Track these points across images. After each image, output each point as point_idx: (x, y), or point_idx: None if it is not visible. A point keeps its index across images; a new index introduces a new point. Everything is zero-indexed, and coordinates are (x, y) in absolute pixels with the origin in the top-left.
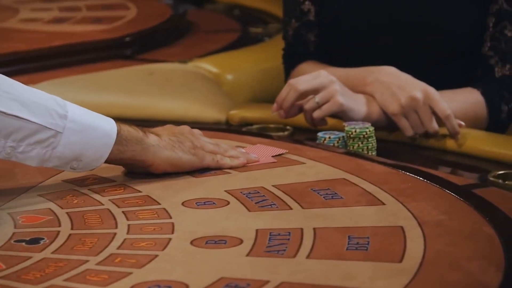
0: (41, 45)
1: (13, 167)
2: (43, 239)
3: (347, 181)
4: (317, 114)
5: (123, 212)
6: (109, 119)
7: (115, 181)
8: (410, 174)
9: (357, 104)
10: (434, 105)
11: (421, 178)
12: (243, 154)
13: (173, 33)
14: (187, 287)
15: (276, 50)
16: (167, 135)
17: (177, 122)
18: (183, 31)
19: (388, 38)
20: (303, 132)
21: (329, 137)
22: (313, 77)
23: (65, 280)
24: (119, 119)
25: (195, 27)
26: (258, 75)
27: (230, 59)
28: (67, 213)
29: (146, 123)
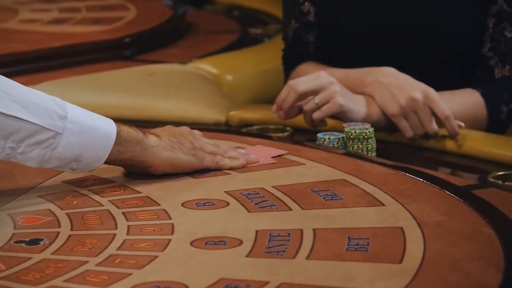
0: (40, 46)
1: (12, 168)
2: (43, 240)
3: (346, 182)
4: (316, 115)
5: (122, 213)
6: (109, 120)
7: (115, 182)
8: (410, 175)
9: (356, 105)
10: (433, 106)
11: (420, 179)
12: (242, 155)
13: (173, 34)
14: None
15: (275, 51)
16: (166, 136)
17: (176, 123)
18: (183, 32)
19: (387, 39)
20: (303, 133)
21: (329, 138)
22: (312, 78)
23: (64, 281)
24: (119, 120)
25: (195, 28)
26: (257, 76)
27: (229, 60)
28: (66, 214)
29: (145, 124)
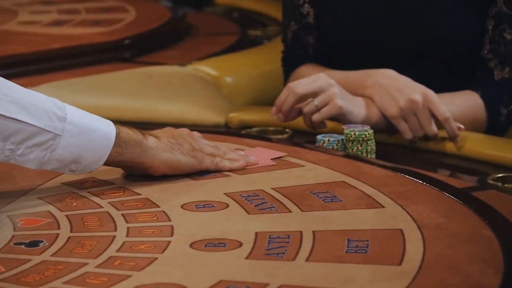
0: (40, 48)
1: (12, 170)
2: (42, 241)
3: (346, 184)
4: (316, 117)
5: (122, 214)
6: (108, 121)
7: (115, 183)
8: (409, 177)
9: (356, 107)
10: (433, 108)
11: (420, 181)
12: (242, 156)
13: (172, 36)
14: None
15: (275, 53)
16: (166, 137)
17: (176, 125)
18: (182, 34)
19: (387, 41)
20: (302, 135)
21: (328, 140)
22: (312, 80)
23: (64, 283)
24: (118, 122)
25: (194, 29)
26: (257, 78)
27: (229, 62)
28: (66, 215)
29: (145, 125)
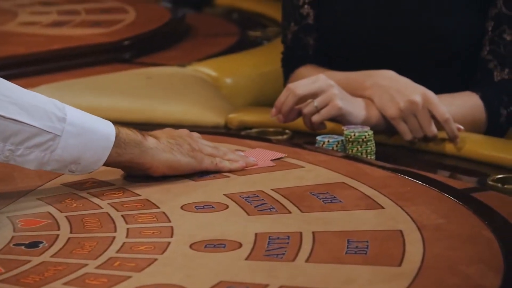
0: (40, 49)
1: (12, 170)
2: (42, 242)
3: (346, 185)
4: (316, 118)
5: (122, 215)
6: (108, 122)
7: (114, 184)
8: (409, 178)
9: (356, 108)
10: (433, 109)
11: (420, 182)
12: (242, 157)
13: (172, 37)
14: None
15: (275, 54)
16: (165, 138)
17: (176, 126)
18: (182, 34)
19: (387, 42)
20: (302, 136)
21: (328, 141)
22: (311, 81)
23: (64, 284)
24: (117, 123)
25: (194, 30)
26: (257, 78)
27: (229, 63)
28: (66, 216)
29: (144, 126)
